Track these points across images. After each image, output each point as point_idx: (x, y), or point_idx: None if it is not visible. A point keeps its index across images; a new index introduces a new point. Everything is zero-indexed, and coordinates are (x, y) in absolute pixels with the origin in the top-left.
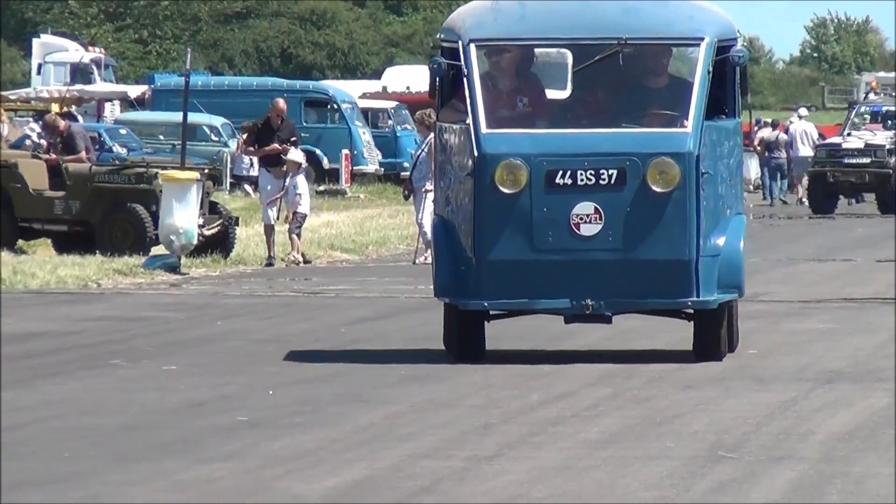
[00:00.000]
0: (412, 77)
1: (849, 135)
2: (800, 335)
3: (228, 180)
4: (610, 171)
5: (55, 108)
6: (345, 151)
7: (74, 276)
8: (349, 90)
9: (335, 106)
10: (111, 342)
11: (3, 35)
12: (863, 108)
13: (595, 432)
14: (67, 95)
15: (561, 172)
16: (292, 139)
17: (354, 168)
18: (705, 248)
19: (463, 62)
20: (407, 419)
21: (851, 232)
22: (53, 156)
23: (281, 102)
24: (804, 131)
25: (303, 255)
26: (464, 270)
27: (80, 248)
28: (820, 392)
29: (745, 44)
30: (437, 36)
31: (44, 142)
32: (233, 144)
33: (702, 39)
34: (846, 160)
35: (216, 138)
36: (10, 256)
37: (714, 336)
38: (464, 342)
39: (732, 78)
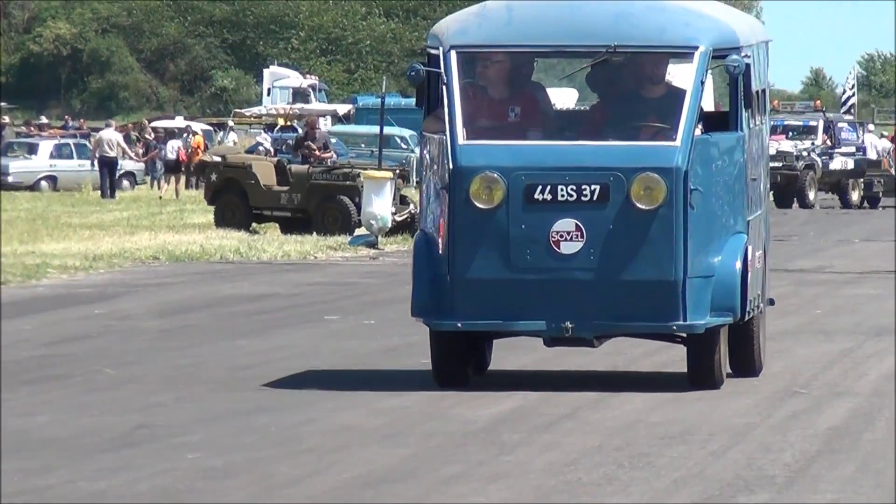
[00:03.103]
0: None
1: None
2: (855, 298)
3: (415, 178)
4: (592, 187)
5: (281, 122)
6: None
7: (296, 251)
8: None
9: None
10: (324, 301)
11: (242, 66)
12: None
13: None
14: (290, 112)
15: (540, 187)
16: None
17: None
18: (695, 269)
19: (442, 69)
20: (553, 363)
21: (892, 220)
22: (315, 153)
23: None
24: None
25: None
26: (440, 289)
27: (300, 229)
28: (871, 343)
29: (749, 53)
30: (424, 42)
31: (272, 148)
32: (417, 151)
33: (696, 48)
34: None
35: (405, 146)
36: (246, 235)
37: (707, 361)
38: (440, 364)
39: (734, 88)
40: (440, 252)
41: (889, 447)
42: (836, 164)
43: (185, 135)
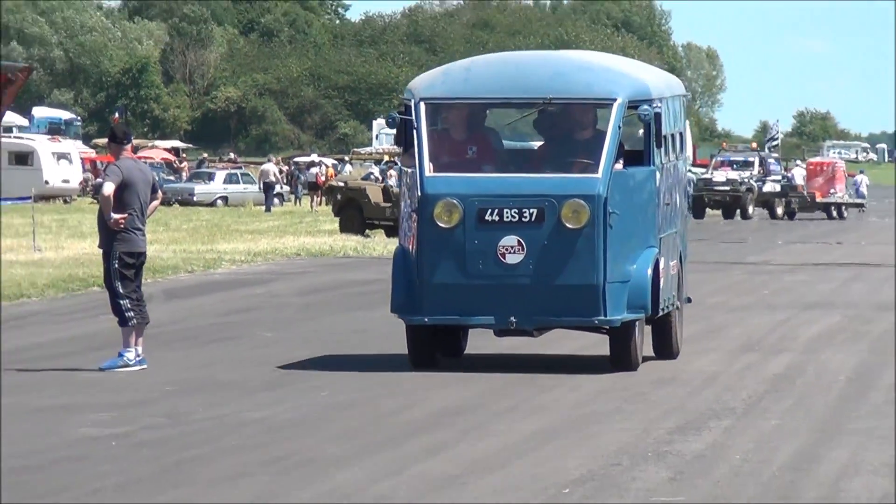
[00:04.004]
0: None
1: (714, 171)
2: (792, 283)
3: None
4: (531, 210)
5: (386, 158)
6: None
7: None
8: None
9: None
10: None
11: (358, 118)
12: (719, 158)
13: None
14: (392, 151)
15: (490, 210)
16: None
17: None
18: (613, 275)
19: (413, 117)
20: (575, 339)
21: (819, 228)
22: None
23: None
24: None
25: None
26: (412, 291)
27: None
28: (803, 314)
29: (659, 104)
30: (402, 95)
31: (379, 176)
32: None
33: (614, 100)
34: (716, 188)
35: None
36: (362, 238)
37: (624, 348)
38: (413, 351)
39: (647, 132)
40: (411, 262)
41: (817, 389)
42: (768, 187)
43: (319, 166)
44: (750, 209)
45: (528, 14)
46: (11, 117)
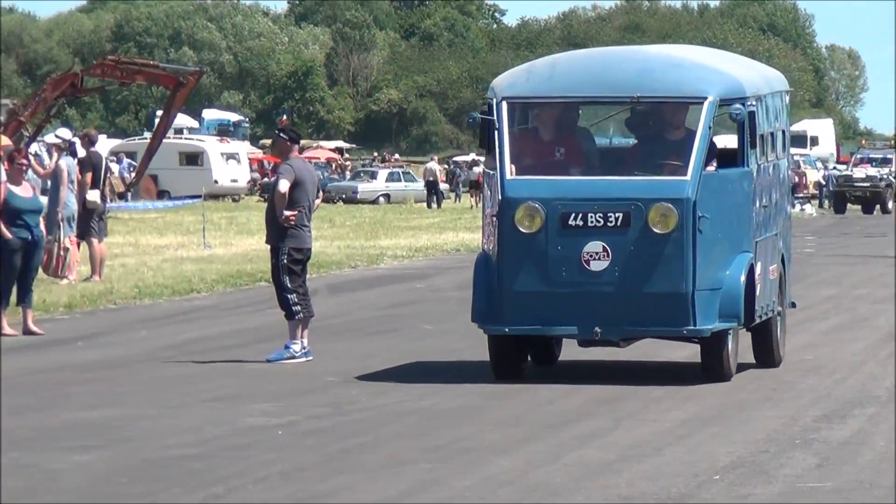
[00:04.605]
0: None
1: (854, 168)
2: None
3: None
4: (616, 215)
5: None
6: None
7: None
8: None
9: None
10: None
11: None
12: (858, 155)
13: (825, 326)
14: None
15: (574, 215)
16: None
17: None
18: (704, 283)
19: (495, 116)
20: None
21: None
22: None
23: None
24: None
25: None
26: (493, 299)
27: None
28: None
29: (754, 102)
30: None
31: None
32: None
33: (705, 98)
34: (856, 184)
35: None
36: None
37: (717, 359)
38: (496, 361)
39: (741, 131)
40: (493, 268)
41: None
42: None
43: (480, 165)
44: (889, 204)
45: (677, 18)
46: (182, 119)
